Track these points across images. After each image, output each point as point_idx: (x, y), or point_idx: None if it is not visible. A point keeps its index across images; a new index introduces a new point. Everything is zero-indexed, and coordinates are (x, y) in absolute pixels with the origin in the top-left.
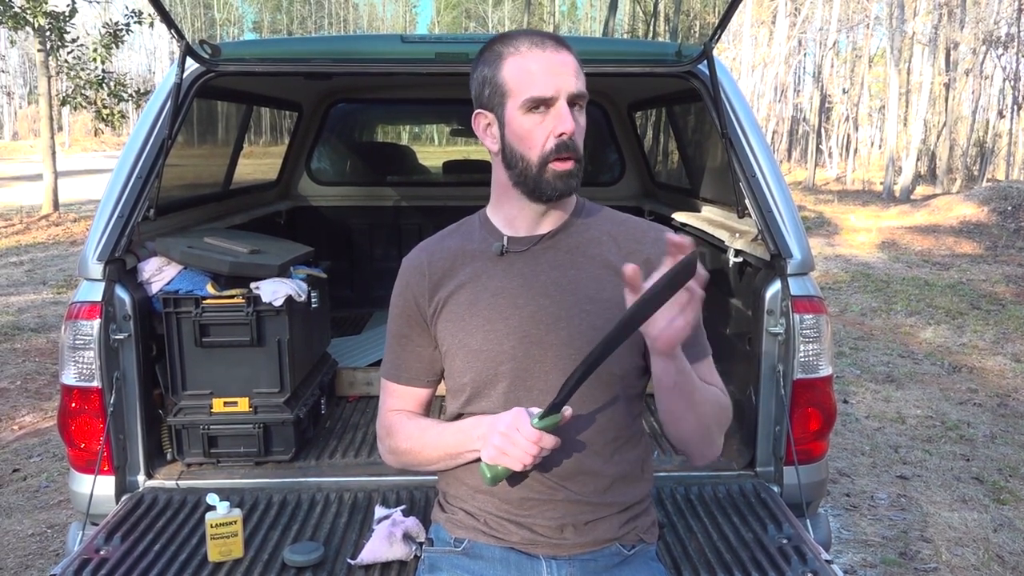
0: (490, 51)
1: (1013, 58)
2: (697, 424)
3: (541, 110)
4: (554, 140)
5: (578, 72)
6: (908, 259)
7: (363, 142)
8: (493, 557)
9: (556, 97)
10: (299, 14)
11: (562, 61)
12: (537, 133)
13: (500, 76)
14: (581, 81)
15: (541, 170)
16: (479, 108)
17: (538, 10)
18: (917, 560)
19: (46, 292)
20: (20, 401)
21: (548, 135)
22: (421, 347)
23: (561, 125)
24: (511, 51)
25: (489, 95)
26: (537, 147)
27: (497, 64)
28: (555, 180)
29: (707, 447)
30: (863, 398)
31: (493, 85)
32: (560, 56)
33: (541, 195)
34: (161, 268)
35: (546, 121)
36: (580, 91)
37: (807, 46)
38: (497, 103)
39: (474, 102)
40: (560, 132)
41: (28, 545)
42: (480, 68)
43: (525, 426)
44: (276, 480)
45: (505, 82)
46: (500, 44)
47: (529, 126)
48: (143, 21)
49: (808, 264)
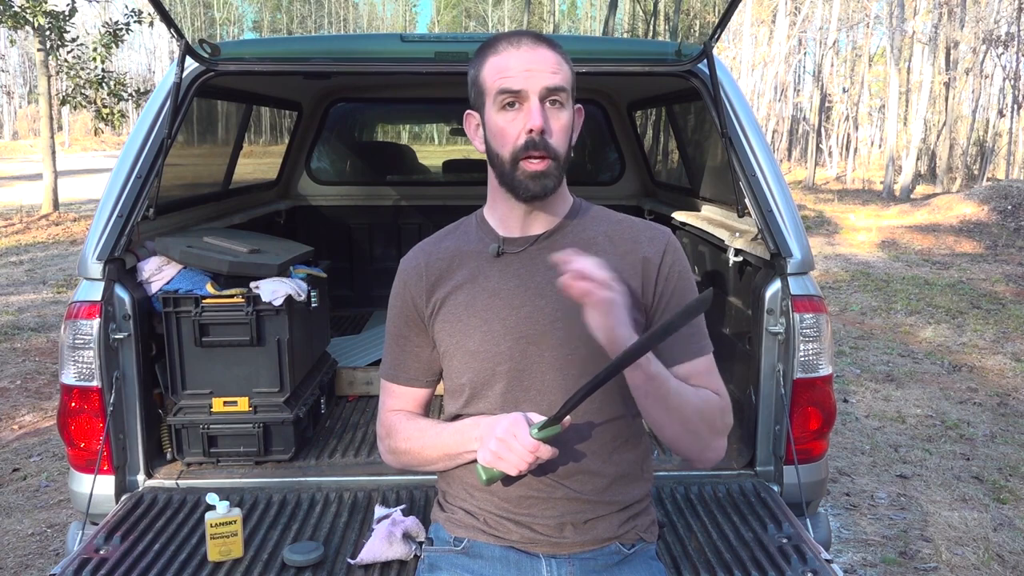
0: (479, 52)
1: (1013, 57)
2: (681, 428)
3: (516, 107)
4: (524, 136)
5: (557, 67)
6: (908, 258)
7: (363, 141)
8: (493, 556)
9: (526, 90)
10: (299, 13)
11: (537, 57)
12: (509, 130)
13: (481, 75)
14: (561, 76)
15: (513, 168)
16: (469, 109)
17: (538, 9)
18: (917, 559)
19: (46, 291)
20: (20, 401)
21: (520, 132)
22: (420, 348)
23: (530, 121)
24: (491, 51)
25: (475, 96)
26: (509, 144)
27: (480, 64)
28: (526, 180)
29: (702, 450)
30: (863, 397)
31: (476, 85)
32: (535, 52)
33: (516, 194)
34: (161, 267)
35: (518, 119)
36: (556, 85)
37: (807, 45)
38: (480, 103)
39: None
40: (529, 128)
41: (28, 545)
42: (470, 69)
43: (523, 434)
44: (276, 480)
45: (484, 81)
46: (486, 46)
47: (503, 123)
48: (143, 20)
49: (808, 263)
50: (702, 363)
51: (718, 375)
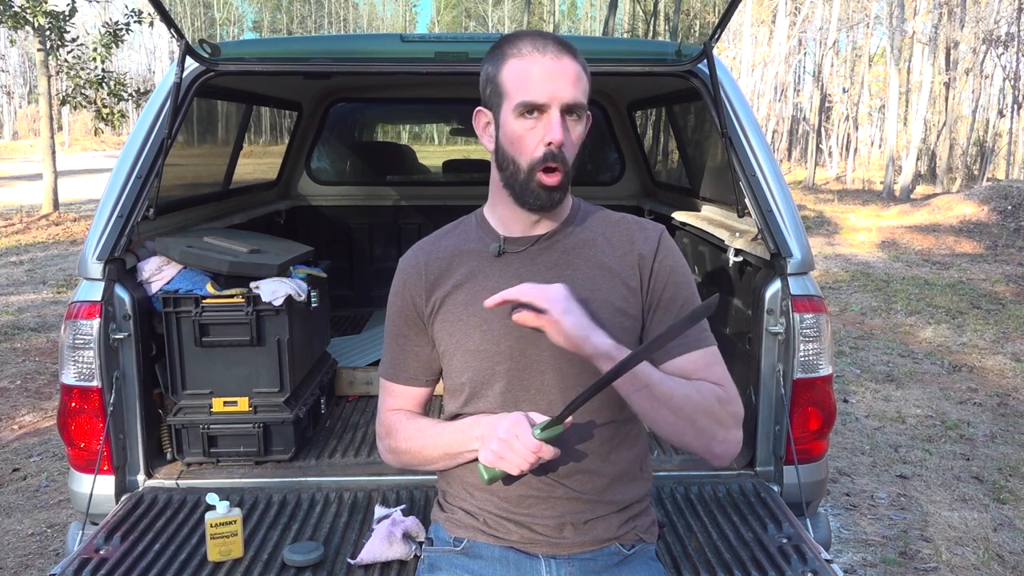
0: (497, 50)
1: (1013, 57)
2: (677, 421)
3: (535, 116)
4: (543, 148)
5: (578, 79)
6: (908, 258)
7: (363, 141)
8: (493, 556)
9: (549, 105)
10: (299, 14)
11: (562, 68)
12: (528, 139)
13: (500, 76)
14: (580, 89)
15: (528, 178)
16: (481, 105)
17: (538, 9)
18: (917, 559)
19: (46, 292)
20: (20, 401)
21: (538, 142)
22: (419, 347)
23: (550, 134)
24: (513, 52)
25: (490, 94)
26: (527, 153)
27: (500, 64)
28: (539, 190)
29: (709, 443)
30: (863, 397)
31: (494, 84)
32: (560, 63)
33: (524, 202)
34: (161, 267)
35: (537, 128)
36: (577, 101)
37: (807, 45)
38: (496, 103)
39: (480, 99)
40: (548, 141)
41: (28, 545)
42: (486, 66)
43: (525, 435)
44: (276, 480)
45: (504, 83)
46: (506, 44)
47: (521, 131)
48: (143, 20)
49: (808, 263)
50: (700, 356)
51: (722, 367)
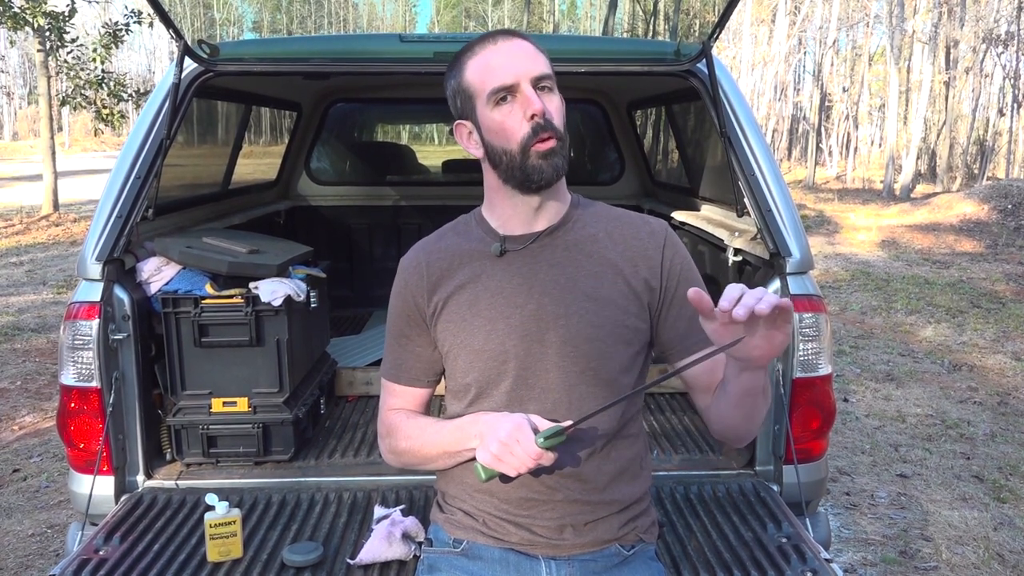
0: (453, 63)
1: (1013, 56)
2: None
3: (508, 100)
4: (528, 125)
5: (536, 54)
6: (908, 257)
7: (362, 142)
8: (492, 558)
9: (517, 82)
10: (299, 14)
11: (517, 47)
12: (510, 122)
13: (464, 80)
14: (541, 62)
15: (524, 157)
16: (457, 119)
17: (538, 9)
18: (917, 559)
19: (46, 292)
20: (20, 401)
21: (522, 121)
22: (421, 347)
23: (530, 107)
24: (468, 55)
25: (461, 103)
26: (515, 136)
27: (460, 70)
28: (539, 161)
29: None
30: (863, 397)
31: (462, 91)
32: (513, 44)
33: (531, 183)
34: (160, 268)
35: (515, 109)
36: (543, 72)
37: (807, 44)
38: (469, 108)
39: (454, 116)
40: (531, 114)
41: (28, 545)
42: (449, 81)
43: (527, 440)
44: (275, 480)
45: (470, 84)
46: (460, 55)
47: (500, 119)
48: (143, 21)
49: (807, 263)
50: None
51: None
